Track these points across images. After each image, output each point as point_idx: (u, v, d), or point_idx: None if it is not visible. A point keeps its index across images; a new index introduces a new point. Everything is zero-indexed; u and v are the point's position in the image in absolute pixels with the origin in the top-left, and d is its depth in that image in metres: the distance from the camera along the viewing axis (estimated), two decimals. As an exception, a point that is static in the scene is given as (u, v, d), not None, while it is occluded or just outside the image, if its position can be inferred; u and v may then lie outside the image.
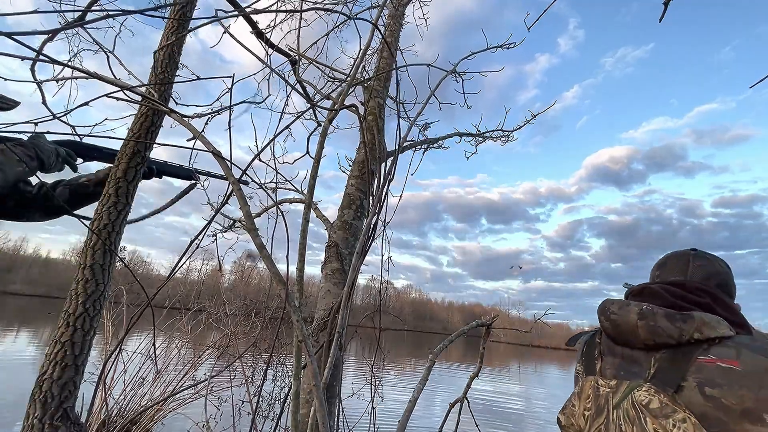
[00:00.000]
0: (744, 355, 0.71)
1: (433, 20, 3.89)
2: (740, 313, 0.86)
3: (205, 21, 1.14)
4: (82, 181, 1.37)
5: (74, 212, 1.24)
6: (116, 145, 1.37)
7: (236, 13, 1.05)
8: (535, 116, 3.27)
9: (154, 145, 1.40)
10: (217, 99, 1.74)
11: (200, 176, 1.58)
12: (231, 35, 1.19)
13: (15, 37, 0.68)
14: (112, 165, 1.37)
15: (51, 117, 1.23)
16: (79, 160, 1.35)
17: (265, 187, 3.01)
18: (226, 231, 3.53)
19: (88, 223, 1.26)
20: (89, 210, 1.34)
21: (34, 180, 1.29)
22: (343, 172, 2.77)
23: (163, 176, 1.57)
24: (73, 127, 1.34)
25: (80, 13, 1.36)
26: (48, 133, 1.20)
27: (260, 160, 1.77)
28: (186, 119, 1.11)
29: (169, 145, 1.39)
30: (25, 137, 1.17)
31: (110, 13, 0.96)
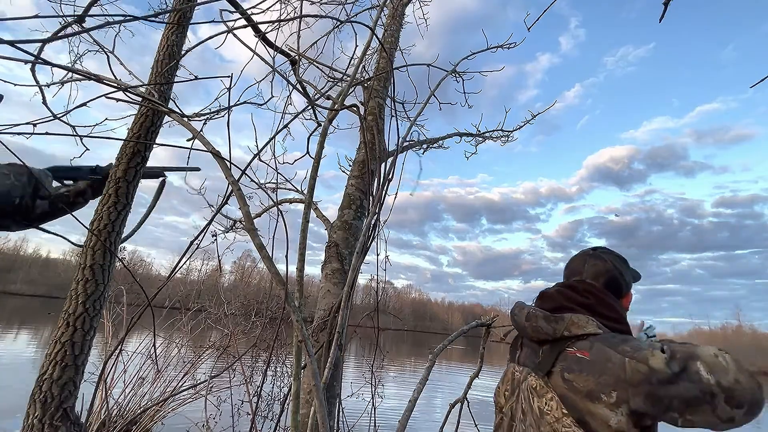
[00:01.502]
0: (595, 347, 0.87)
1: (433, 20, 3.89)
2: (619, 311, 1.01)
3: (213, 35, 1.14)
4: (62, 191, 1.36)
5: (46, 225, 1.20)
6: (97, 160, 1.33)
7: (239, 16, 1.05)
8: (535, 116, 3.27)
9: (154, 145, 1.40)
10: (216, 99, 1.74)
11: (167, 172, 1.45)
12: (236, 36, 1.19)
13: (15, 42, 0.68)
14: (91, 176, 1.36)
15: (51, 117, 1.23)
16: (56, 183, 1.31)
17: (265, 187, 3.01)
18: (227, 232, 3.53)
19: (87, 223, 1.26)
20: (89, 210, 1.34)
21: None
22: (343, 172, 2.77)
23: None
24: (73, 127, 1.34)
25: (79, 15, 1.36)
26: (48, 134, 1.20)
27: (260, 160, 1.77)
28: (185, 119, 1.11)
29: (169, 145, 1.39)
30: (25, 138, 1.17)
31: (110, 20, 0.97)
